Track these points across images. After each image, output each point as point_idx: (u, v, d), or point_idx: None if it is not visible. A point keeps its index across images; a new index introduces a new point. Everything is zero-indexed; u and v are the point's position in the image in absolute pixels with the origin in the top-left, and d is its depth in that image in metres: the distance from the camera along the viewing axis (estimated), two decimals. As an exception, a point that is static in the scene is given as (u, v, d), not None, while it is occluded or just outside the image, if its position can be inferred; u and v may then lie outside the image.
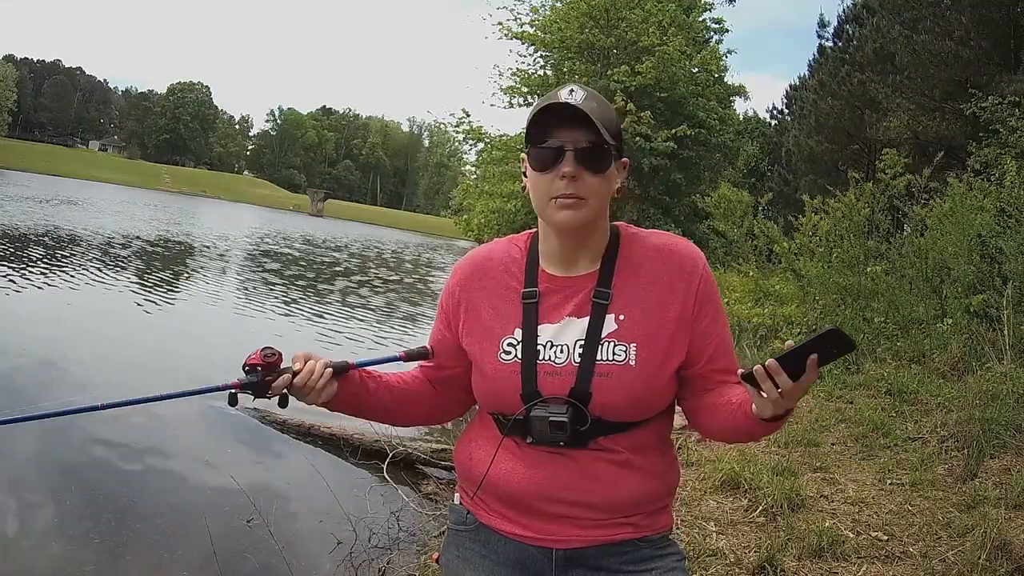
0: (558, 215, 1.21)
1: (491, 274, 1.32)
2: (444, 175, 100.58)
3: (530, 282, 1.28)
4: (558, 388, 1.20)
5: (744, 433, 1.24)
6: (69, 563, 3.29)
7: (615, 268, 1.25)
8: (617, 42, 20.21)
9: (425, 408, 1.42)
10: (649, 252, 1.27)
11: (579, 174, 1.18)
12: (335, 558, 3.50)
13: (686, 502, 3.62)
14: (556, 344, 1.22)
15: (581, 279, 1.26)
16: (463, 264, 1.37)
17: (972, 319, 5.88)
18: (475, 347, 1.29)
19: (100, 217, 24.57)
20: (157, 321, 9.01)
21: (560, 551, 1.23)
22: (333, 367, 1.27)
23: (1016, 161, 7.29)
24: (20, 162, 63.02)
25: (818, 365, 1.03)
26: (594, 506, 1.21)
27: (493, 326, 1.28)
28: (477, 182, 23.54)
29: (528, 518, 1.24)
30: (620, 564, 1.23)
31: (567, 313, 1.24)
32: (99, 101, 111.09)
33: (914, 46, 13.59)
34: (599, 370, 1.19)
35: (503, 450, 1.26)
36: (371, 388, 1.34)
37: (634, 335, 1.21)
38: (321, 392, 1.25)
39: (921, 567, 2.88)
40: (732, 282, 10.41)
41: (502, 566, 1.27)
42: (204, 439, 5.03)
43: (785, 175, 24.47)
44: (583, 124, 1.17)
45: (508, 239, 1.37)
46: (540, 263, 1.29)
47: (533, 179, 1.23)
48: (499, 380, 1.25)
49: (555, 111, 1.18)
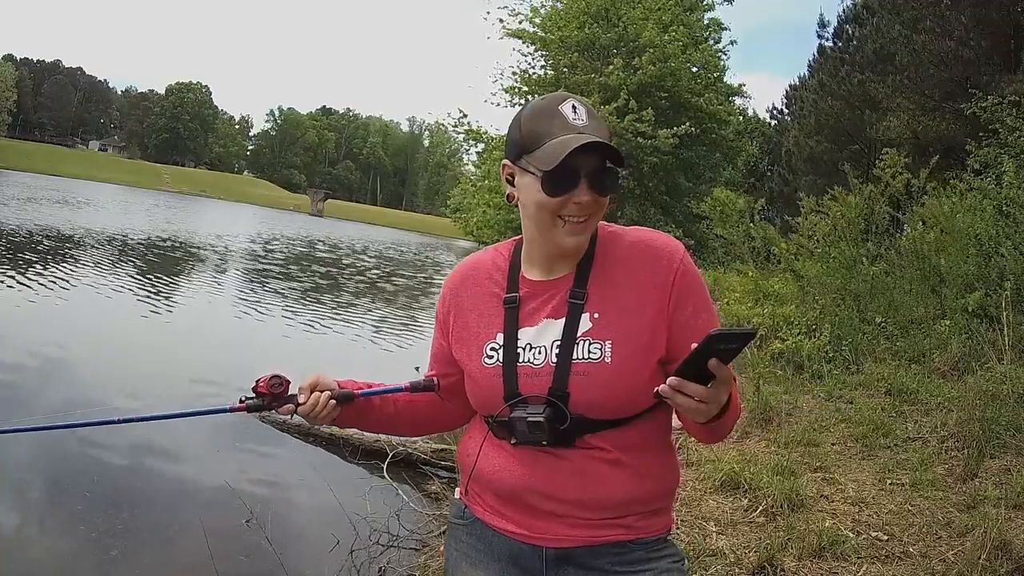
0: (568, 239, 1.22)
1: (477, 282, 1.35)
2: (444, 175, 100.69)
3: (512, 287, 1.31)
4: (538, 388, 1.22)
5: (700, 435, 1.25)
6: (66, 563, 3.29)
7: (591, 268, 1.27)
8: (618, 40, 20.21)
9: (431, 417, 1.46)
10: (625, 249, 1.27)
11: (591, 198, 1.19)
12: (335, 557, 3.50)
13: (686, 502, 3.63)
14: (535, 346, 1.24)
15: (558, 282, 1.28)
16: (453, 274, 1.41)
17: (971, 319, 5.88)
18: (462, 353, 1.33)
19: (101, 217, 24.58)
20: (163, 322, 9.01)
21: (551, 549, 1.24)
22: (336, 397, 1.33)
23: (1014, 161, 7.29)
24: (20, 162, 63.07)
25: (725, 363, 1.01)
26: (585, 505, 1.22)
27: (478, 332, 1.31)
28: (477, 181, 23.57)
29: (520, 515, 1.26)
30: (612, 565, 1.23)
31: (545, 315, 1.26)
32: (99, 101, 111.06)
33: (914, 46, 13.58)
34: (576, 369, 1.20)
35: (499, 448, 1.28)
36: (375, 403, 1.40)
37: (609, 332, 1.21)
38: (325, 418, 1.34)
39: (921, 567, 2.89)
40: (732, 282, 10.42)
41: (496, 561, 1.29)
42: (203, 439, 5.03)
43: (785, 175, 24.48)
44: (594, 147, 1.16)
45: (494, 247, 1.41)
46: (522, 269, 1.32)
47: (539, 198, 1.20)
48: (484, 383, 1.28)
49: (570, 143, 1.15)
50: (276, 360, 7.04)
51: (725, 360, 1.02)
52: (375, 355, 8.84)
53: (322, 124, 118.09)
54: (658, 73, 18.95)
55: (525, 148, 1.21)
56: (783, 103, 29.52)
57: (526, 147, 1.20)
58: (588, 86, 19.17)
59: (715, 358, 1.01)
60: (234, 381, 6.09)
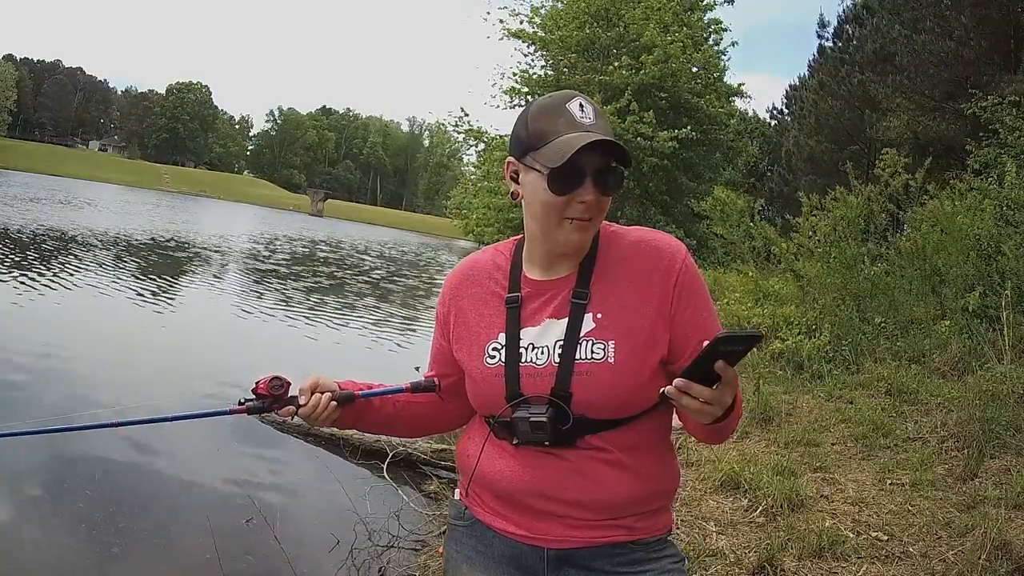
0: (573, 236, 1.22)
1: (477, 282, 1.35)
2: (444, 175, 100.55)
3: (514, 287, 1.30)
4: (540, 388, 1.22)
5: (703, 435, 1.26)
6: (69, 562, 3.29)
7: (593, 268, 1.27)
8: (618, 39, 20.21)
9: (431, 418, 1.46)
10: (627, 249, 1.27)
11: (595, 198, 1.19)
12: (335, 557, 3.50)
13: (686, 502, 3.63)
14: (537, 346, 1.24)
15: (560, 281, 1.27)
16: (453, 274, 1.40)
17: (972, 319, 5.88)
18: (463, 353, 1.33)
19: (101, 217, 24.57)
20: (166, 322, 9.00)
21: (552, 551, 1.24)
22: (337, 399, 1.32)
23: (1015, 161, 7.28)
24: (20, 162, 63.03)
25: (731, 364, 1.03)
26: (585, 506, 1.22)
27: (480, 332, 1.31)
28: (477, 181, 23.57)
29: (521, 516, 1.25)
30: (612, 566, 1.23)
31: (548, 315, 1.26)
32: (99, 101, 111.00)
33: (914, 46, 13.59)
34: (578, 369, 1.20)
35: (499, 448, 1.28)
36: (375, 404, 1.39)
37: (612, 332, 1.21)
38: (326, 420, 1.33)
39: (921, 567, 2.89)
40: (732, 282, 10.42)
41: (497, 563, 1.29)
42: (204, 439, 5.03)
43: (785, 175, 24.49)
44: (600, 146, 1.17)
45: (494, 247, 1.40)
46: (523, 268, 1.31)
47: (544, 196, 1.20)
48: (485, 383, 1.27)
49: (576, 141, 1.15)
50: (278, 359, 7.05)
51: (731, 362, 1.03)
52: (377, 355, 8.84)
53: (322, 124, 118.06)
54: (659, 74, 18.94)
55: (531, 145, 1.21)
56: (783, 103, 29.60)
57: (532, 144, 1.20)
58: (588, 86, 19.16)
59: (721, 360, 1.02)
60: (242, 381, 6.08)
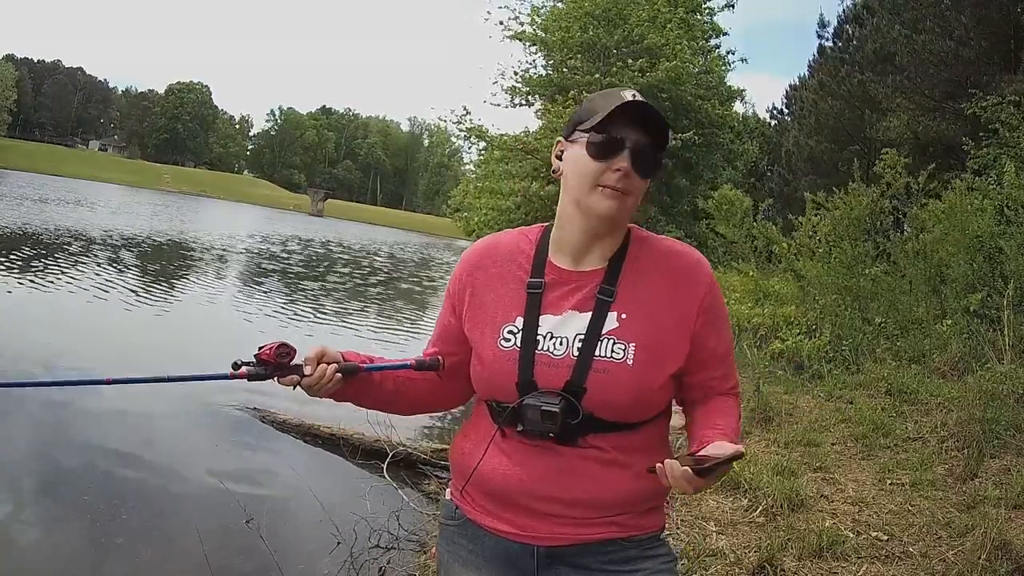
0: (603, 203, 1.21)
1: (497, 261, 1.33)
2: (444, 175, 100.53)
3: (537, 272, 1.28)
4: (554, 380, 1.21)
5: None
6: (62, 562, 3.28)
7: (623, 268, 1.26)
8: (620, 41, 20.19)
9: (430, 396, 1.42)
10: (657, 256, 1.28)
11: (631, 172, 1.20)
12: (335, 558, 3.50)
13: (686, 502, 3.62)
14: (556, 336, 1.23)
15: (588, 274, 1.26)
16: (470, 252, 1.38)
17: (972, 319, 5.88)
18: (476, 332, 1.30)
19: (102, 217, 24.57)
20: (164, 321, 9.01)
21: (543, 548, 1.24)
22: (342, 370, 1.27)
23: (1014, 161, 7.28)
24: (20, 162, 63.01)
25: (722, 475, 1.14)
26: (579, 504, 1.22)
27: (495, 312, 1.28)
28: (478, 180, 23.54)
29: (512, 514, 1.25)
30: (603, 564, 1.23)
31: (570, 306, 1.24)
32: (99, 101, 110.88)
33: (914, 46, 13.57)
34: (596, 366, 1.19)
35: (493, 446, 1.27)
36: (376, 379, 1.35)
37: (634, 335, 1.21)
38: (328, 391, 1.28)
39: (921, 567, 2.89)
40: (732, 282, 10.41)
41: (488, 562, 1.28)
42: (203, 438, 5.03)
43: (785, 175, 24.44)
44: (643, 126, 1.20)
45: (519, 230, 1.38)
46: (549, 255, 1.30)
47: (582, 163, 1.22)
48: (496, 366, 1.25)
49: (624, 108, 1.18)
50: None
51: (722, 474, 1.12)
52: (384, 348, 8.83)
53: (322, 124, 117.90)
54: (669, 76, 18.92)
55: (579, 121, 1.24)
56: (783, 103, 29.53)
57: (580, 120, 1.24)
58: (590, 88, 19.15)
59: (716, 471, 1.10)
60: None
